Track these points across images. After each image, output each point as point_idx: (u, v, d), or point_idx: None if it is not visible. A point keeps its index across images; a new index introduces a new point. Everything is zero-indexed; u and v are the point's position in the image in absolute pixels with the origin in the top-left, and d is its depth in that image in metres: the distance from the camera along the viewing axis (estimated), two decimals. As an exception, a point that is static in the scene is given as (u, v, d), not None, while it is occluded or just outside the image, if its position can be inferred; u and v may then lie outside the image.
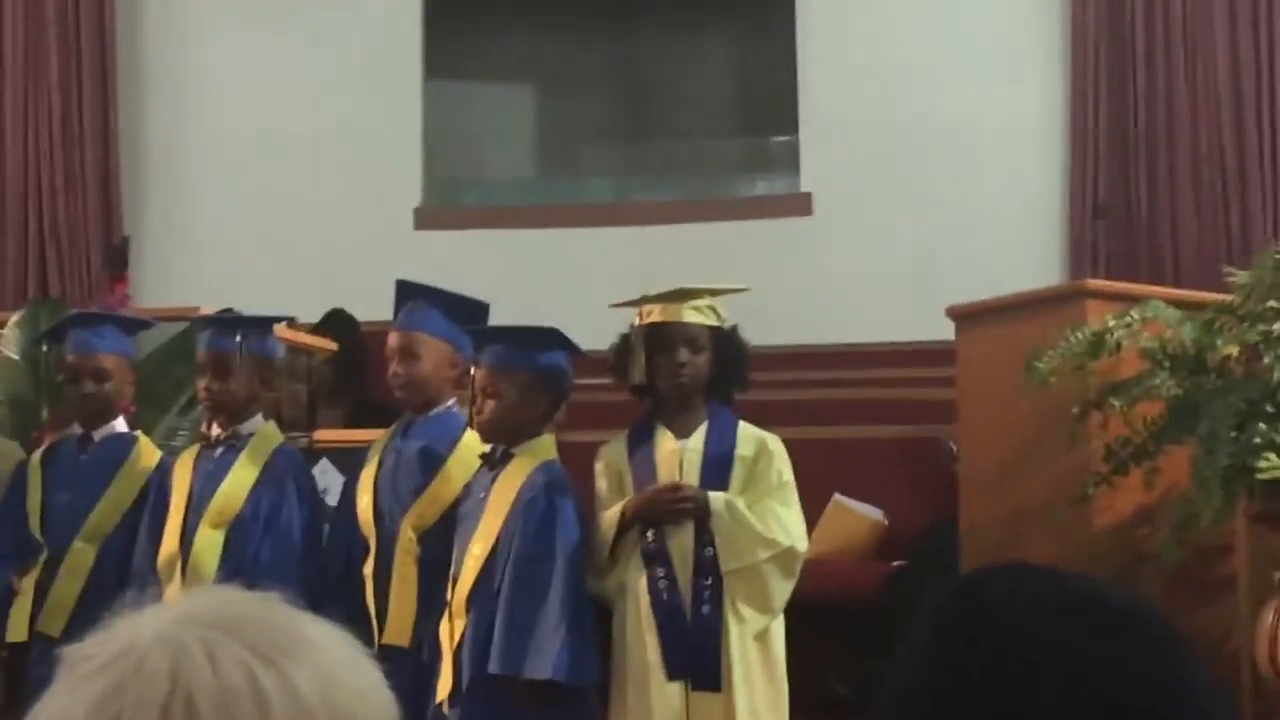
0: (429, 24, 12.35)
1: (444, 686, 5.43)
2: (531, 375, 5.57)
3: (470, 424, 5.73)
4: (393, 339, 5.95)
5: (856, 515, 7.46)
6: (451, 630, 5.46)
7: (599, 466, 5.69)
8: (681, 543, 5.42)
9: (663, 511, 5.43)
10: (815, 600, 5.88)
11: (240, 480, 5.97)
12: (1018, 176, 11.51)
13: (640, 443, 5.63)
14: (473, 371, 5.64)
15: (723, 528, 5.39)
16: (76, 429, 6.41)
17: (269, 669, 1.37)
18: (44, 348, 6.93)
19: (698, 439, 5.55)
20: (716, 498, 5.41)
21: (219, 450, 6.07)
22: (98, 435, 6.36)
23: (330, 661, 1.42)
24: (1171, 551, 5.14)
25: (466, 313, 5.98)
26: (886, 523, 7.49)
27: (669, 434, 5.59)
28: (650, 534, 5.42)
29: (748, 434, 5.58)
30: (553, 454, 5.64)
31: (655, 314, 5.62)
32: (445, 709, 5.43)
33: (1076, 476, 5.41)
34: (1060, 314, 5.65)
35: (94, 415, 6.38)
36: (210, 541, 5.90)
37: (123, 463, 6.33)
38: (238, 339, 6.01)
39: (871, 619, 6.63)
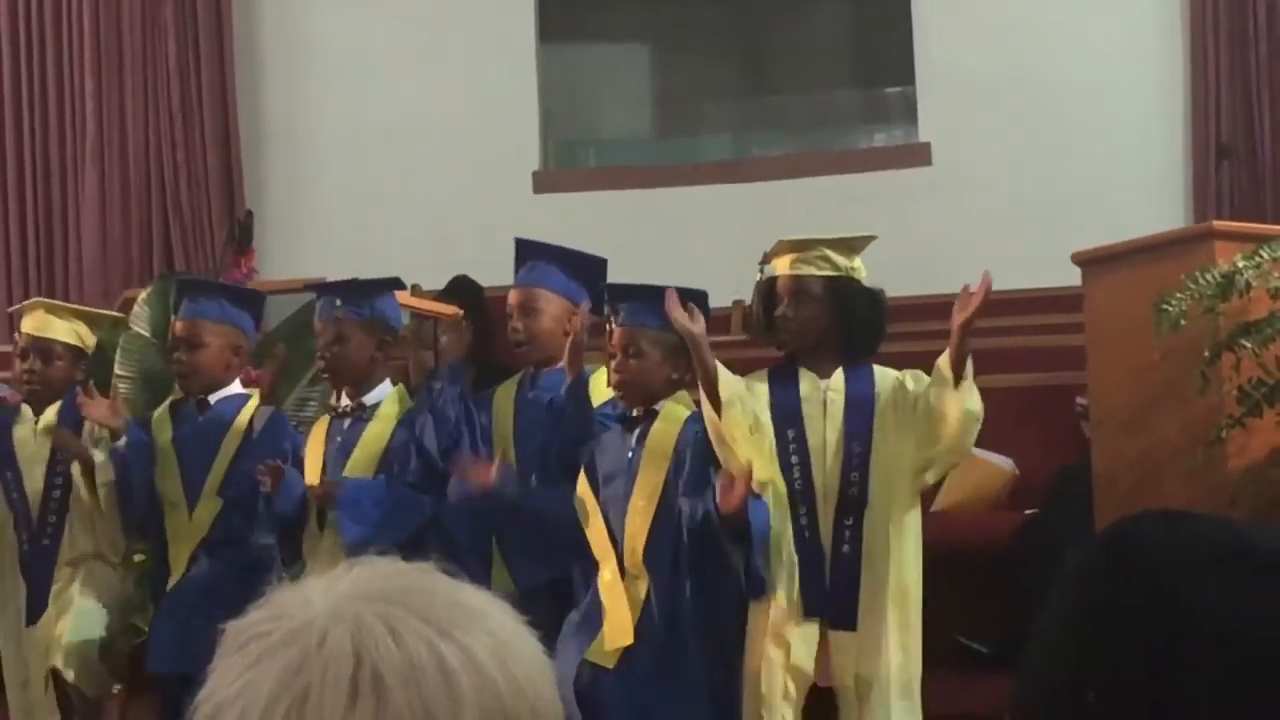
0: (541, -13, 12.38)
1: (621, 638, 5.41)
2: (675, 337, 5.47)
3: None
4: (512, 295, 6.03)
5: (988, 464, 7.41)
6: (631, 590, 5.46)
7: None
8: (826, 482, 5.40)
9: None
10: (949, 550, 5.86)
11: (370, 451, 6.05)
12: (1138, 120, 11.40)
13: (782, 381, 5.56)
14: (608, 326, 5.64)
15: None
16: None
17: (448, 641, 1.38)
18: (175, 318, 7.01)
19: (838, 379, 5.50)
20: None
21: (347, 422, 6.13)
22: (213, 399, 6.48)
23: (502, 632, 1.43)
24: (1309, 492, 5.09)
25: (584, 268, 6.06)
26: (1017, 472, 7.44)
27: (810, 374, 5.54)
28: (797, 473, 5.39)
29: (884, 375, 5.52)
30: (694, 408, 5.61)
31: (771, 269, 5.60)
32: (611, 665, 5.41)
33: (1209, 419, 5.36)
34: (1188, 257, 5.58)
35: (184, 381, 6.51)
36: None
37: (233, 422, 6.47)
38: (337, 303, 6.07)
39: (1005, 568, 6.60)
